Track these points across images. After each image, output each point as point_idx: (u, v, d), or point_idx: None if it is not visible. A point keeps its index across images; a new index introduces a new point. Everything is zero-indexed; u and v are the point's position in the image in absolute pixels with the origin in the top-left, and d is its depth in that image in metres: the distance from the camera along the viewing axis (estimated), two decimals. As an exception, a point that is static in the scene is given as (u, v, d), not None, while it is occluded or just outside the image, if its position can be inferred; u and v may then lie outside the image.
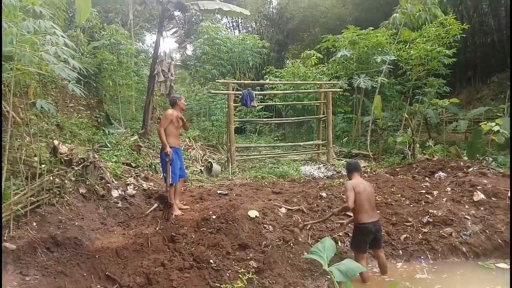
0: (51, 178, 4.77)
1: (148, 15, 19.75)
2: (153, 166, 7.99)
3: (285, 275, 4.61)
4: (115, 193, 5.73)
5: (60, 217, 4.57)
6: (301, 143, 11.32)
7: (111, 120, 10.74)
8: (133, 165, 7.55)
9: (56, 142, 5.61)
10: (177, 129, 5.80)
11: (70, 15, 14.14)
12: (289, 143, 12.24)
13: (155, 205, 5.94)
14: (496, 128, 7.52)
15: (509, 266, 4.96)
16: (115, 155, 7.43)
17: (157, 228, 4.96)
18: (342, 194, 6.19)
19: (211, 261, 4.47)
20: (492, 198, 6.07)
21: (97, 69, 10.77)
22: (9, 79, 4.27)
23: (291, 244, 5.09)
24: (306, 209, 5.93)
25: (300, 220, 5.61)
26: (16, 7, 4.03)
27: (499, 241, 5.33)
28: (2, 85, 5.66)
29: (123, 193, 5.90)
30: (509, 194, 6.07)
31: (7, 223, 3.89)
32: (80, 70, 4.74)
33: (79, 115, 8.85)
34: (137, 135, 9.29)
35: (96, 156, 5.98)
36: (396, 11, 10.39)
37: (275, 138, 14.95)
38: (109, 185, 5.75)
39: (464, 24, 10.20)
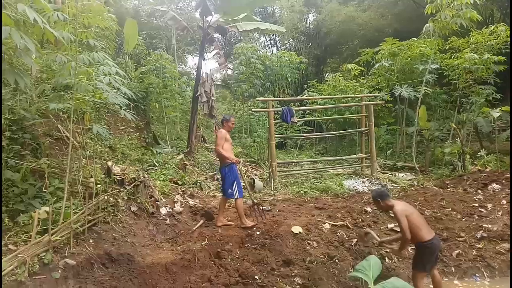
0: (106, 197, 5.10)
1: (190, 39, 20.65)
2: (199, 184, 8.25)
3: (332, 292, 4.56)
4: (163, 211, 5.99)
5: (114, 234, 4.86)
6: (344, 157, 11.18)
7: (158, 140, 11.25)
8: (180, 183, 7.84)
9: (109, 163, 6.00)
10: (231, 145, 6.14)
11: (119, 43, 15.16)
12: (331, 157, 12.12)
13: (201, 221, 6.13)
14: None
15: None
16: (162, 174, 7.78)
17: (203, 244, 5.11)
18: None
19: (256, 277, 4.52)
20: (554, 211, 5.66)
21: (144, 93, 11.40)
22: (68, 108, 4.68)
23: (337, 261, 5.03)
24: (351, 225, 5.85)
25: (345, 236, 5.54)
26: (73, 42, 4.45)
27: None
28: (61, 113, 6.20)
29: (171, 210, 6.16)
30: None
31: (68, 240, 4.20)
32: (130, 95, 5.09)
33: (129, 137, 9.38)
34: (183, 154, 9.66)
35: (146, 176, 6.31)
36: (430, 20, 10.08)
37: (317, 152, 14.87)
38: (158, 203, 6.03)
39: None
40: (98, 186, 5.21)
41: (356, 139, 12.68)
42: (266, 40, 26.40)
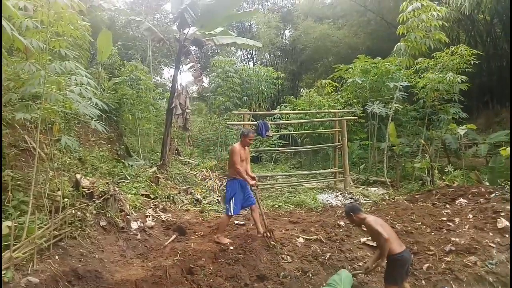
0: (73, 211, 4.91)
1: (166, 51, 20.55)
2: (172, 197, 8.09)
3: (305, 308, 4.53)
4: (134, 225, 5.82)
5: (81, 250, 4.66)
6: (318, 171, 11.30)
7: (131, 152, 11.01)
8: (152, 196, 7.67)
9: (78, 176, 5.80)
10: (243, 162, 5.86)
11: (92, 53, 14.88)
12: (306, 171, 12.22)
13: (174, 236, 5.99)
14: (516, 152, 7.39)
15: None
16: (134, 187, 7.58)
17: (175, 259, 4.99)
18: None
19: (229, 293, 4.44)
20: (517, 225, 5.88)
21: (117, 104, 11.16)
22: (36, 118, 4.51)
23: (310, 275, 5.02)
24: (324, 239, 5.87)
25: (319, 250, 5.55)
26: (44, 51, 4.32)
27: (528, 270, 5.11)
28: (29, 123, 5.96)
29: (142, 224, 6.00)
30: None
31: (31, 257, 3.99)
32: (102, 106, 4.97)
33: (100, 149, 9.12)
34: (156, 167, 9.47)
35: (116, 189, 6.14)
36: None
37: (291, 166, 14.96)
38: (128, 217, 5.86)
39: (477, 50, 10.22)
40: (66, 199, 5.01)
41: (330, 153, 12.87)
42: (242, 54, 26.66)
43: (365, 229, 4.74)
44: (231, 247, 5.33)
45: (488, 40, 17.16)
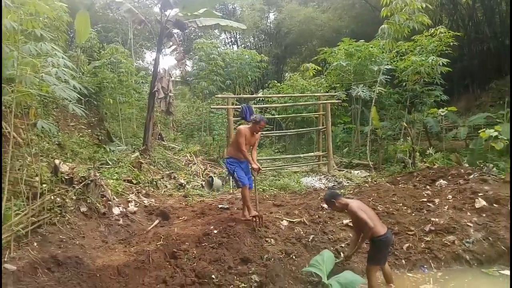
0: (52, 197, 4.80)
1: (148, 33, 20.07)
2: (155, 182, 8.02)
3: (288, 289, 4.59)
4: (116, 211, 5.74)
5: (61, 237, 4.58)
6: (302, 155, 11.35)
7: (112, 137, 10.82)
8: (134, 182, 7.58)
9: (57, 161, 5.66)
10: (248, 145, 5.68)
11: (71, 35, 14.41)
12: (290, 155, 12.27)
13: (157, 221, 5.95)
14: (495, 135, 7.54)
15: (513, 273, 4.93)
16: (116, 173, 7.48)
17: (158, 244, 4.95)
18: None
19: (213, 276, 4.45)
20: (494, 205, 6.04)
21: (97, 88, 10.89)
22: (10, 101, 4.34)
23: (293, 257, 5.07)
24: (308, 221, 5.92)
25: (302, 233, 5.60)
26: (17, 31, 4.13)
27: (502, 247, 5.29)
28: (3, 107, 5.75)
29: (124, 210, 5.92)
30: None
31: (8, 244, 3.89)
32: (81, 89, 4.82)
33: (80, 134, 8.93)
34: (138, 152, 9.35)
35: (97, 174, 6.02)
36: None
37: (276, 151, 14.99)
38: (110, 202, 5.78)
39: (459, 33, 10.28)
40: (44, 185, 4.89)
41: (314, 137, 12.92)
42: (226, 37, 26.27)
43: (347, 212, 4.78)
44: (215, 231, 5.32)
45: (470, 24, 17.31)
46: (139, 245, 5.04)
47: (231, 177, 7.73)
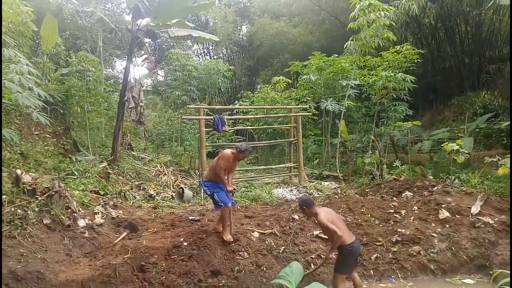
0: (12, 209, 4.57)
1: (118, 42, 19.73)
2: (123, 194, 7.80)
3: (258, 301, 4.56)
4: (81, 223, 5.53)
5: (21, 250, 4.36)
6: (274, 166, 11.42)
7: (79, 147, 10.46)
8: (102, 193, 7.34)
9: (19, 171, 5.39)
10: (227, 171, 5.60)
11: (37, 41, 13.93)
12: (262, 167, 12.30)
13: (125, 233, 5.77)
14: (456, 148, 7.89)
15: (474, 282, 5.15)
16: (82, 183, 7.22)
17: (125, 257, 4.80)
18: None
19: (182, 289, 4.36)
20: (456, 216, 6.30)
21: (64, 96, 10.53)
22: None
23: (264, 269, 5.06)
24: (279, 232, 5.94)
25: (273, 244, 5.60)
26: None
27: (464, 257, 5.51)
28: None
29: (90, 222, 5.71)
30: (471, 211, 6.33)
31: (-37, 258, 3.67)
32: (46, 97, 4.66)
33: (45, 143, 8.58)
34: (106, 162, 9.08)
35: (62, 185, 5.79)
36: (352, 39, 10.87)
37: (248, 162, 14.99)
38: (75, 214, 5.55)
39: (423, 50, 10.79)
40: (4, 197, 4.65)
41: (286, 149, 13.05)
42: (199, 48, 26.23)
43: (316, 222, 4.84)
44: (185, 243, 5.23)
45: (433, 42, 18.20)
46: (105, 259, 4.87)
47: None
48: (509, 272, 3.60)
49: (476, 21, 16.28)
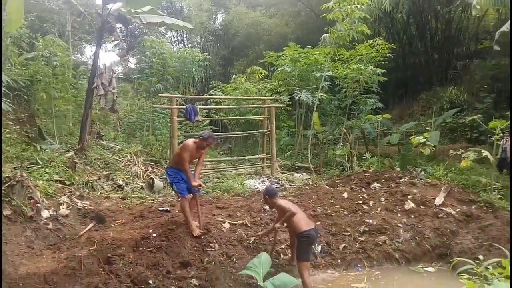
0: (-31, 199, 4.35)
1: (88, 26, 18.99)
2: (90, 184, 7.58)
3: (228, 292, 4.57)
4: (45, 214, 5.35)
5: (-22, 243, 4.16)
6: (246, 157, 11.42)
7: (44, 135, 10.05)
8: (68, 183, 7.11)
9: (-24, 160, 5.13)
10: (191, 158, 5.44)
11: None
12: (234, 157, 12.27)
13: (91, 225, 5.63)
14: (423, 141, 8.14)
15: (435, 270, 5.38)
16: (47, 173, 6.96)
17: (91, 249, 4.68)
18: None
19: (150, 281, 4.31)
20: (421, 206, 6.53)
21: (29, 82, 10.06)
22: None
23: (234, 259, 5.06)
24: (250, 223, 5.96)
25: (244, 235, 5.62)
26: None
27: (427, 246, 5.73)
28: None
29: (54, 213, 5.53)
30: (435, 202, 6.57)
31: None
32: (8, 82, 4.42)
33: (7, 130, 8.20)
34: (73, 151, 8.78)
35: (25, 175, 5.56)
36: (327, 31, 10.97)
37: (221, 152, 14.92)
38: (38, 205, 5.36)
39: (395, 45, 11.02)
40: (-40, 186, 4.42)
41: (259, 140, 13.07)
42: (173, 36, 25.67)
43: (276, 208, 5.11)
44: (154, 235, 5.16)
45: (404, 38, 18.62)
46: (70, 251, 4.74)
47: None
48: (467, 260, 3.76)
49: (446, 18, 16.78)
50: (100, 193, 7.48)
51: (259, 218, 6.15)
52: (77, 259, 4.43)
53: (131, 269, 4.45)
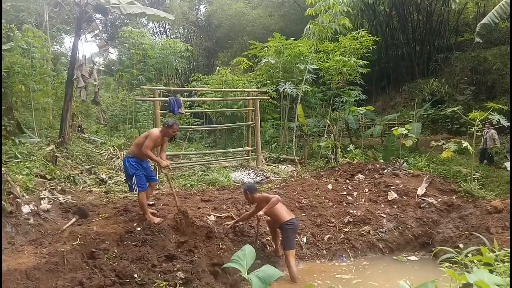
0: None
1: (67, 16, 18.45)
2: (72, 178, 7.42)
3: (214, 284, 4.56)
4: (25, 209, 5.20)
5: (-44, 240, 4.03)
6: (231, 150, 11.38)
7: (23, 128, 9.77)
8: (48, 177, 6.93)
9: (-49, 154, 4.95)
10: (155, 146, 5.50)
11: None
12: (219, 150, 12.22)
13: (73, 219, 5.51)
14: (405, 132, 8.27)
15: (417, 258, 5.50)
16: (26, 167, 6.76)
17: (74, 244, 4.60)
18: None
19: (135, 275, 4.25)
20: (404, 197, 6.66)
21: (5, 74, 9.72)
22: None
23: (220, 253, 5.06)
24: (235, 216, 5.95)
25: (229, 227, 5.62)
26: None
27: (410, 236, 5.86)
28: None
29: (35, 208, 5.38)
30: (417, 192, 6.70)
31: None
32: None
33: (-17, 124, 7.93)
34: (54, 145, 8.57)
35: (3, 169, 5.39)
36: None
37: (206, 145, 14.83)
38: (18, 200, 5.20)
39: (377, 38, 11.11)
40: None
41: (244, 132, 13.03)
42: (155, 27, 25.23)
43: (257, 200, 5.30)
44: (139, 228, 5.09)
45: (387, 30, 18.80)
46: (52, 246, 4.62)
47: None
48: (448, 248, 3.85)
49: (427, 11, 17.00)
50: (83, 187, 7.34)
51: (244, 210, 6.14)
52: (59, 254, 4.33)
53: (116, 263, 4.39)
